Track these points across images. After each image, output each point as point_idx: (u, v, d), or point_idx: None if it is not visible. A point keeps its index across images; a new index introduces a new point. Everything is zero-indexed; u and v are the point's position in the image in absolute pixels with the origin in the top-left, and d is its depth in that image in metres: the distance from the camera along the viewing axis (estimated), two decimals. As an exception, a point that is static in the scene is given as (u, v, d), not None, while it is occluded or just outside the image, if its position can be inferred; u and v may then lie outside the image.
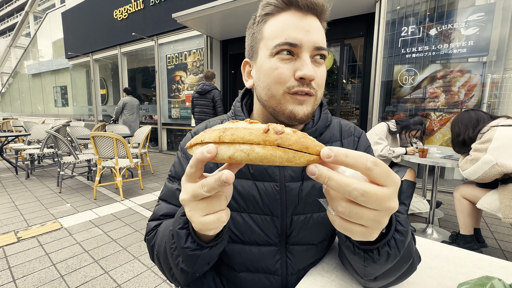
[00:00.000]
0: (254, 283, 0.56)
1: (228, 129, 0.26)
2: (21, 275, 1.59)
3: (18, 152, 4.26)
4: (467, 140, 1.66)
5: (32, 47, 11.70)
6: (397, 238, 0.35)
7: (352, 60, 5.65)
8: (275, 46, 0.46)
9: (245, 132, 0.25)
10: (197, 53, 5.44)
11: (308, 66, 0.45)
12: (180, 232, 0.41)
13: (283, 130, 0.25)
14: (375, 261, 0.36)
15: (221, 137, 0.26)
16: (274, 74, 0.47)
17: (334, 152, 0.22)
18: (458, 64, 3.08)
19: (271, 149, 0.24)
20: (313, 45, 0.46)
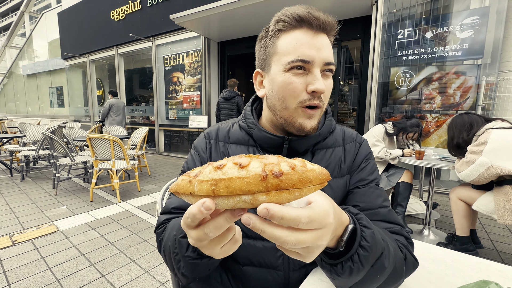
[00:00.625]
0: (257, 278, 0.58)
1: (219, 180, 0.23)
2: (16, 279, 1.57)
3: (13, 153, 4.21)
4: (461, 143, 1.69)
5: (27, 47, 11.59)
6: (360, 253, 0.36)
7: (349, 62, 5.69)
8: (289, 62, 0.50)
9: (241, 182, 0.23)
10: (194, 55, 5.44)
11: (319, 81, 0.49)
12: (182, 241, 0.43)
13: (281, 171, 0.23)
14: (339, 275, 0.37)
15: (215, 191, 0.23)
16: (288, 88, 0.51)
17: (270, 213, 0.23)
18: (453, 66, 3.12)
19: (275, 194, 0.23)
20: (324, 61, 0.50)
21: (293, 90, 0.51)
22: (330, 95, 0.56)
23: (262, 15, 3.98)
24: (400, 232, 0.54)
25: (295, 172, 0.24)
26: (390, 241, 0.45)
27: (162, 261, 1.77)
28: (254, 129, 0.59)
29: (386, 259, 0.40)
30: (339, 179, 0.60)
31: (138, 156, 3.95)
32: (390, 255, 0.42)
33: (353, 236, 0.38)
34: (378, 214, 0.55)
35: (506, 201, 1.48)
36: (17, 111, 13.15)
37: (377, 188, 0.59)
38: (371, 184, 0.59)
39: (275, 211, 0.23)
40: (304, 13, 0.49)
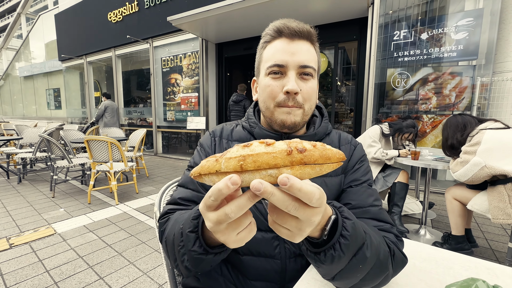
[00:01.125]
0: (256, 267, 0.60)
1: (248, 156, 0.25)
2: (13, 282, 1.56)
3: (9, 156, 4.19)
4: (455, 144, 1.71)
5: (24, 49, 11.53)
6: (341, 242, 0.39)
7: (347, 63, 5.72)
8: (267, 67, 0.57)
9: (269, 157, 0.25)
10: (192, 56, 5.45)
11: (291, 82, 0.54)
12: (190, 235, 0.44)
13: (305, 147, 0.26)
14: (322, 262, 0.40)
15: (243, 166, 0.25)
16: (267, 91, 0.58)
17: (290, 183, 0.24)
18: (448, 67, 3.16)
19: (299, 168, 0.26)
20: (298, 64, 0.55)
21: (271, 92, 0.57)
22: (313, 99, 0.60)
23: (259, 17, 4.00)
24: (390, 230, 0.56)
25: (316, 149, 0.26)
26: (374, 235, 0.47)
27: (161, 263, 1.78)
28: (256, 128, 0.65)
29: (367, 250, 0.42)
30: (334, 178, 0.63)
31: (136, 158, 3.95)
32: (373, 246, 0.44)
33: (335, 226, 0.40)
34: (369, 212, 0.57)
35: (499, 200, 1.51)
36: (13, 113, 13.07)
37: (369, 188, 0.62)
38: (364, 184, 0.62)
39: (295, 181, 0.25)
40: (280, 25, 0.56)
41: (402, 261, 0.52)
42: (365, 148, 2.25)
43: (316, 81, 0.60)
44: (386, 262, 0.47)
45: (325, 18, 4.05)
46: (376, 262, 0.44)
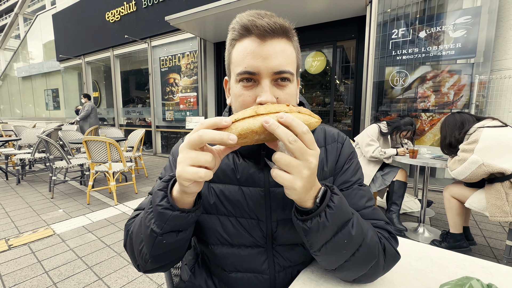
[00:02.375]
0: (244, 282, 0.59)
1: (259, 106, 0.39)
2: (12, 283, 1.56)
3: (8, 157, 4.18)
4: (453, 142, 1.72)
5: (22, 49, 11.49)
6: (327, 211, 0.42)
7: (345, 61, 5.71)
8: (237, 74, 0.49)
9: (275, 106, 0.39)
10: (190, 56, 5.44)
11: (265, 93, 0.47)
12: (158, 192, 0.46)
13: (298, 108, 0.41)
14: (309, 228, 0.43)
15: (257, 111, 0.38)
16: (239, 101, 0.50)
17: (285, 116, 0.36)
18: (447, 65, 3.16)
19: (295, 114, 0.39)
20: (271, 70, 0.47)
21: (243, 102, 0.50)
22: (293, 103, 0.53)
23: (258, 16, 3.98)
24: (383, 226, 0.56)
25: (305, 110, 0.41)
26: (364, 223, 0.49)
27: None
28: None
29: (353, 228, 0.45)
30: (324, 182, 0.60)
31: (135, 158, 3.95)
32: (358, 227, 0.46)
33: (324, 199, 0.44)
34: (363, 215, 0.56)
35: (497, 198, 1.51)
36: (12, 114, 13.04)
37: (360, 189, 0.59)
38: (355, 186, 0.59)
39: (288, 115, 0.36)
40: (247, 21, 0.47)
41: (395, 257, 0.52)
42: (363, 147, 2.25)
43: (295, 83, 0.53)
44: (374, 249, 0.48)
45: (323, 17, 4.04)
46: (363, 244, 0.46)
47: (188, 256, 0.73)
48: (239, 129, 0.37)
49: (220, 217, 0.57)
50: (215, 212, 0.57)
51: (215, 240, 0.57)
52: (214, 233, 0.57)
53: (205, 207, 0.57)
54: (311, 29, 4.32)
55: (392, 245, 0.53)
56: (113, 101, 7.18)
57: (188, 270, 0.70)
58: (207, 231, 0.58)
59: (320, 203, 0.43)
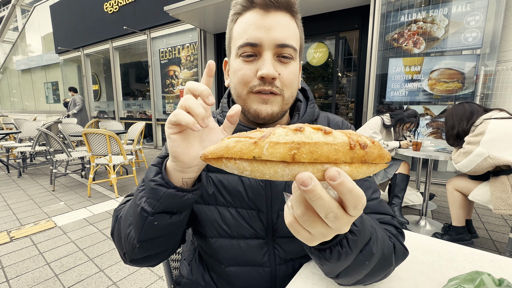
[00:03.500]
0: (243, 276, 0.57)
1: (303, 144, 0.21)
2: (14, 275, 1.57)
3: (9, 150, 4.17)
4: (461, 132, 1.67)
5: (20, 42, 11.36)
6: (349, 237, 0.35)
7: (348, 53, 5.62)
8: (238, 47, 0.47)
9: (330, 149, 0.21)
10: (190, 47, 5.35)
11: (267, 65, 0.45)
12: (152, 167, 0.42)
13: (366, 143, 0.22)
14: (327, 259, 0.37)
15: (295, 156, 0.20)
16: (238, 75, 0.48)
17: (341, 179, 0.20)
18: (452, 56, 3.09)
19: (357, 167, 0.22)
20: (275, 42, 0.45)
21: (242, 77, 0.48)
22: (295, 84, 0.51)
23: (259, 5, 3.89)
24: (390, 222, 0.53)
25: (375, 146, 0.22)
26: (378, 228, 0.44)
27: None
28: None
29: (374, 245, 0.39)
30: None
31: (135, 151, 3.94)
32: (379, 241, 0.41)
33: None
34: (368, 207, 0.54)
35: (502, 191, 1.49)
36: (12, 107, 13.01)
37: (366, 180, 0.57)
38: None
39: (347, 180, 0.20)
40: None
41: (403, 254, 0.50)
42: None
43: (297, 63, 0.51)
44: (390, 257, 0.45)
45: (325, 6, 3.94)
46: (381, 257, 0.42)
47: (186, 251, 0.71)
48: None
49: (219, 208, 0.54)
50: (213, 202, 0.55)
51: (214, 232, 0.55)
52: (213, 224, 0.54)
53: (204, 197, 0.55)
54: (313, 20, 4.23)
55: (400, 241, 0.51)
56: (113, 94, 7.13)
57: (187, 265, 0.69)
58: (205, 223, 0.55)
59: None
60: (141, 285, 1.49)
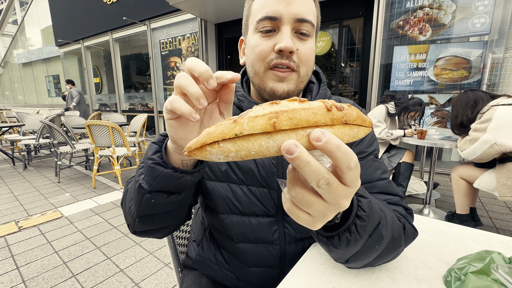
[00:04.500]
0: (253, 254, 0.57)
1: (281, 112, 0.21)
2: (24, 262, 1.61)
3: (13, 143, 4.21)
4: (465, 121, 1.66)
5: (20, 35, 11.28)
6: (357, 223, 0.34)
7: (351, 43, 5.51)
8: (257, 21, 0.47)
9: (308, 113, 0.21)
10: (191, 38, 5.28)
11: (286, 39, 0.45)
12: (152, 145, 0.41)
13: (342, 106, 0.22)
14: (336, 246, 0.36)
15: (276, 124, 0.20)
16: (255, 51, 0.48)
17: (326, 138, 0.19)
18: (459, 43, 3.02)
19: (340, 128, 0.22)
20: (294, 16, 0.45)
21: (260, 52, 0.47)
22: (311, 62, 0.51)
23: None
24: (399, 202, 0.53)
25: (352, 108, 0.22)
26: (387, 211, 0.43)
27: (166, 243, 1.81)
28: (245, 102, 0.56)
29: (383, 228, 0.39)
30: None
31: (138, 143, 3.95)
32: (388, 224, 0.40)
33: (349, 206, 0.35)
34: (377, 187, 0.54)
35: (508, 178, 1.47)
36: (15, 101, 13.05)
37: (375, 160, 0.57)
38: (370, 157, 0.57)
39: (332, 137, 0.19)
40: None
41: (413, 234, 0.49)
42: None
43: (314, 41, 0.51)
44: (400, 238, 0.44)
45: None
46: (391, 239, 0.41)
47: (197, 232, 0.72)
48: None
49: (231, 185, 0.55)
50: (226, 179, 0.55)
51: (226, 208, 0.56)
52: (225, 200, 0.55)
53: (216, 174, 0.56)
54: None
55: (410, 221, 0.50)
56: (114, 86, 7.10)
57: (196, 246, 0.69)
58: (217, 199, 0.56)
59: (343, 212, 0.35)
60: (148, 272, 1.52)
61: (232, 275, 0.61)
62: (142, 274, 1.50)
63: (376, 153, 0.59)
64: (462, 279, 0.45)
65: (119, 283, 1.43)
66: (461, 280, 0.44)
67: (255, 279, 0.59)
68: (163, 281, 1.45)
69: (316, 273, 0.48)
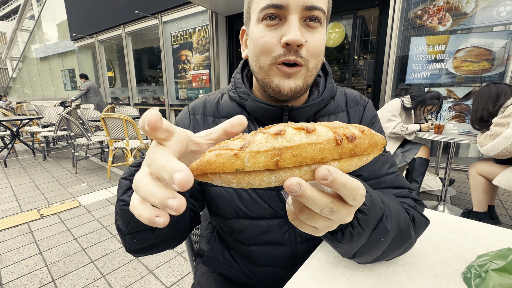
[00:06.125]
0: (264, 255, 0.56)
1: (285, 149, 0.19)
2: (46, 248, 1.70)
3: (33, 135, 4.39)
4: (485, 116, 1.59)
5: (37, 30, 11.62)
6: (359, 217, 0.34)
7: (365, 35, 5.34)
8: (260, 9, 0.42)
9: (314, 150, 0.19)
10: (202, 31, 5.27)
11: (293, 30, 0.40)
12: (122, 182, 0.38)
13: (354, 134, 0.21)
14: (340, 242, 0.36)
15: (279, 163, 0.19)
16: (259, 44, 0.44)
17: (332, 177, 0.19)
18: (481, 33, 2.86)
19: (347, 161, 0.20)
20: (303, 4, 0.40)
21: (264, 45, 0.43)
22: (322, 54, 0.46)
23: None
24: (408, 195, 0.51)
25: (365, 136, 0.21)
26: (392, 203, 0.42)
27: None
28: (247, 100, 0.52)
29: (388, 221, 0.38)
30: None
31: (150, 136, 4.03)
32: (393, 216, 0.39)
33: None
34: (385, 182, 0.52)
35: (531, 175, 1.41)
36: (34, 95, 13.55)
37: (382, 155, 0.54)
38: None
39: (338, 174, 0.19)
40: None
41: (424, 223, 0.47)
42: (383, 123, 2.15)
43: (325, 30, 0.46)
44: (408, 230, 0.43)
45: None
46: (397, 232, 0.41)
47: (205, 230, 0.71)
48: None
49: (237, 189, 0.53)
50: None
51: (233, 213, 0.54)
52: (232, 206, 0.53)
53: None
54: (329, -2, 4.01)
55: (419, 211, 0.48)
56: (127, 80, 7.23)
57: (206, 242, 0.70)
58: (224, 205, 0.53)
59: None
60: (161, 260, 1.57)
61: (242, 274, 0.61)
62: (156, 262, 1.56)
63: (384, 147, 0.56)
64: (482, 276, 0.43)
65: (134, 269, 1.49)
66: (482, 278, 0.43)
67: (267, 278, 0.59)
68: (176, 270, 1.49)
69: (330, 265, 0.49)
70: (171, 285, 1.37)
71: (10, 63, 17.52)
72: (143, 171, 0.21)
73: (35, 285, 1.37)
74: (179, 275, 1.45)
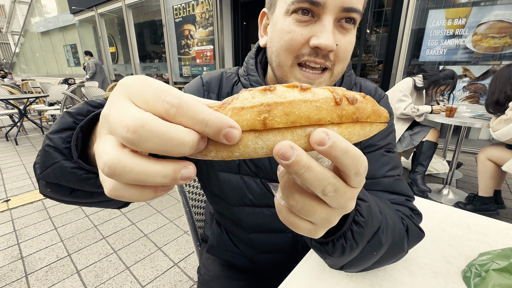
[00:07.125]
0: (266, 242, 0.58)
1: (275, 105, 0.16)
2: (60, 224, 1.79)
3: (40, 112, 4.44)
4: (501, 99, 1.51)
5: (36, 2, 11.22)
6: (354, 229, 0.31)
7: (379, 5, 4.98)
8: (293, 1, 0.38)
9: (310, 107, 0.16)
10: (205, 2, 4.99)
11: (327, 34, 0.36)
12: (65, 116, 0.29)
13: (355, 97, 0.17)
14: (330, 254, 0.33)
15: (267, 121, 0.16)
16: (285, 39, 0.39)
17: (331, 141, 0.15)
18: (507, 5, 2.62)
19: (348, 127, 0.17)
20: (341, 5, 0.36)
21: (290, 42, 0.39)
22: (348, 57, 0.43)
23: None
24: (404, 203, 0.48)
25: (367, 100, 0.18)
26: (389, 212, 0.40)
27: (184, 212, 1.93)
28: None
29: (383, 235, 0.35)
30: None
31: (155, 115, 4.03)
32: (389, 229, 0.36)
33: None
34: (381, 184, 0.49)
35: (543, 162, 1.37)
36: (38, 71, 13.47)
37: (384, 155, 0.51)
38: (379, 151, 0.51)
39: (339, 139, 0.16)
40: None
41: (418, 236, 0.45)
42: (393, 103, 2.07)
43: (355, 31, 0.42)
44: (401, 242, 0.40)
45: None
46: (391, 245, 0.38)
47: (207, 216, 0.73)
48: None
49: (244, 177, 0.53)
50: (237, 171, 0.54)
51: (239, 201, 0.54)
52: (238, 193, 0.53)
53: (229, 165, 0.53)
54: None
55: (415, 223, 0.46)
56: (130, 56, 7.07)
57: (209, 228, 0.72)
58: (230, 192, 0.54)
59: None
60: (169, 238, 1.65)
61: (244, 259, 0.63)
62: (164, 239, 1.63)
63: (390, 147, 0.52)
64: (482, 276, 0.43)
65: (144, 246, 1.57)
66: (482, 277, 0.43)
67: (268, 264, 0.61)
68: (183, 247, 1.57)
69: (330, 260, 0.49)
70: (179, 261, 1.45)
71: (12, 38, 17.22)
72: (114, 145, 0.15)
73: (53, 258, 1.46)
74: (186, 252, 1.52)
